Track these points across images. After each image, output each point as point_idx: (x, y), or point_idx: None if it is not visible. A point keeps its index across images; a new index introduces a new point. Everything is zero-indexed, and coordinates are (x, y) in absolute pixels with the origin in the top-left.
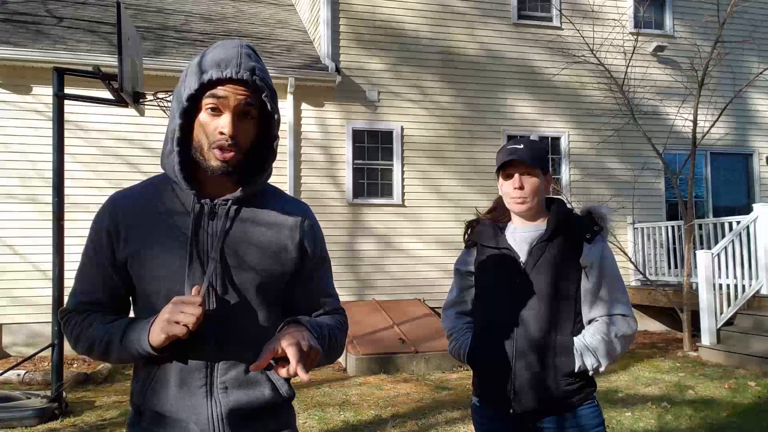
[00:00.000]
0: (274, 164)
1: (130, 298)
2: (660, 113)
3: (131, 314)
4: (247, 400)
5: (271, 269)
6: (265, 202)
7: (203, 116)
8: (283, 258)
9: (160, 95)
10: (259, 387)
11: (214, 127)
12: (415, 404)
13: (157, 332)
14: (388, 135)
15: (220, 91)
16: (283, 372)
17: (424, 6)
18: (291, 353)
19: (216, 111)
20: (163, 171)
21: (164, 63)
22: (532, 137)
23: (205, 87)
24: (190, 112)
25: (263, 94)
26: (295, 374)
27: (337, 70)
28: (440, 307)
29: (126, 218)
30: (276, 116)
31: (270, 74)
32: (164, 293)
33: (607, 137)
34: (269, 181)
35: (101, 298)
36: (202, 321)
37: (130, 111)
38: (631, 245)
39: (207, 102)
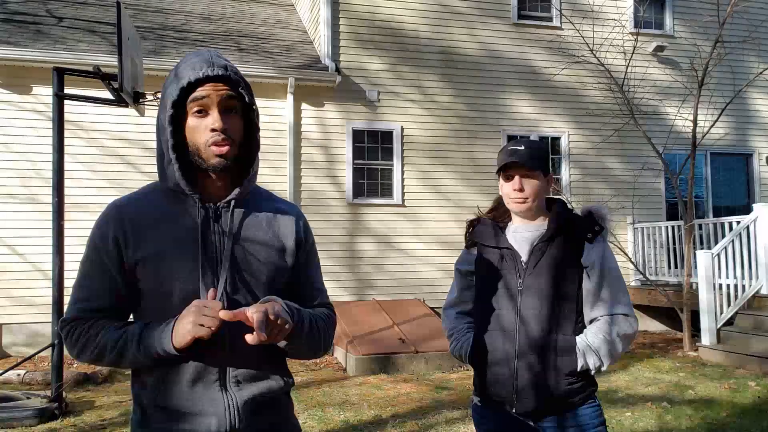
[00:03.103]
0: (275, 164)
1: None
2: (660, 113)
3: (132, 319)
4: (258, 392)
5: (277, 265)
6: (261, 203)
7: (191, 121)
8: (285, 254)
9: (159, 95)
10: (268, 379)
11: (204, 126)
12: (415, 404)
13: (182, 334)
14: (388, 135)
15: (200, 92)
16: (249, 338)
17: (424, 6)
18: (256, 318)
19: (202, 112)
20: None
21: (164, 63)
22: (532, 137)
23: (185, 91)
24: (177, 121)
25: (240, 87)
26: (261, 340)
27: (337, 70)
28: (440, 307)
29: (132, 223)
30: (254, 107)
31: (270, 74)
32: (178, 294)
33: (607, 137)
34: (261, 184)
35: (104, 305)
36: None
37: (130, 111)
38: (631, 245)
39: (191, 106)
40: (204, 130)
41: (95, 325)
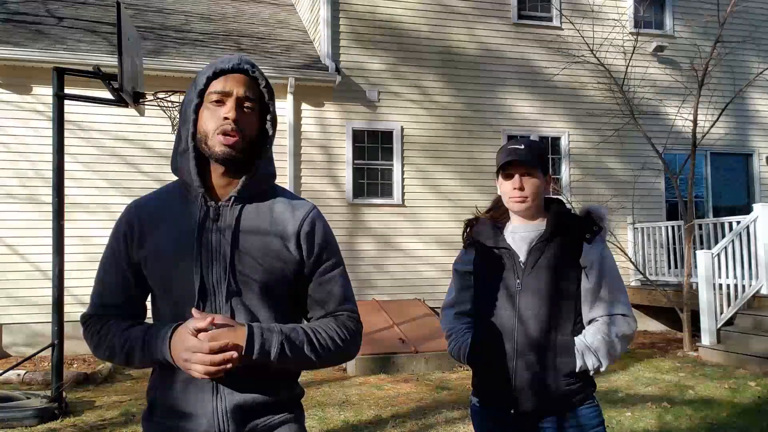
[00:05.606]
0: (275, 164)
1: (148, 300)
2: (660, 113)
3: (149, 314)
4: (251, 397)
5: (274, 268)
6: (270, 202)
7: (206, 109)
8: (284, 257)
9: (160, 95)
10: (265, 387)
11: (219, 115)
12: (415, 404)
13: (179, 364)
14: (388, 135)
15: (222, 84)
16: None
17: (424, 6)
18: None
19: (219, 102)
20: (176, 178)
21: (164, 63)
22: (532, 137)
23: (210, 82)
24: (199, 111)
25: (261, 86)
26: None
27: (337, 70)
28: (440, 307)
29: (141, 222)
30: (271, 108)
31: (270, 74)
32: (175, 292)
33: (607, 137)
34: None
35: (118, 301)
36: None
37: (130, 111)
38: (631, 245)
39: (211, 97)
40: (217, 118)
41: (106, 326)
